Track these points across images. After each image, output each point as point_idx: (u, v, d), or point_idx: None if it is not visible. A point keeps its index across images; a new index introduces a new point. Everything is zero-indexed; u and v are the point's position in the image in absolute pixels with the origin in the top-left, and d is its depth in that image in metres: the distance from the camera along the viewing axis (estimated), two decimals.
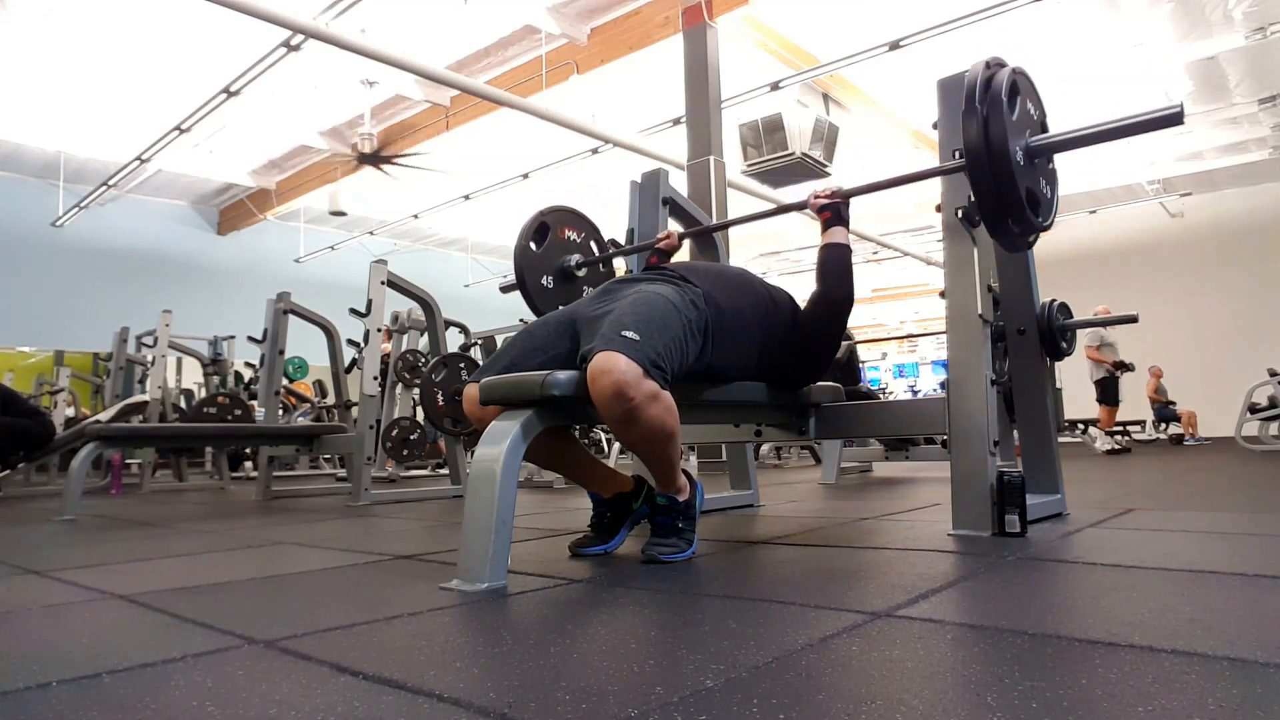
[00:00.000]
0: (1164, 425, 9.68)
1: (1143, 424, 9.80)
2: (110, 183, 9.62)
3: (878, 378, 13.76)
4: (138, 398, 5.62)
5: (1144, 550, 1.62)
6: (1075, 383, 7.29)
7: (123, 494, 4.80)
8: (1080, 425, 8.04)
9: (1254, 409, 7.04)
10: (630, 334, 1.51)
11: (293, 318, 4.79)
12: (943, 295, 2.02)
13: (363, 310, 3.87)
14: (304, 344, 7.07)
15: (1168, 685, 0.76)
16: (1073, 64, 7.52)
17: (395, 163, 8.50)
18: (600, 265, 2.62)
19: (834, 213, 2.04)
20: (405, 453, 4.56)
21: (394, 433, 4.49)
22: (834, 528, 2.19)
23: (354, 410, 4.87)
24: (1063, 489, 2.28)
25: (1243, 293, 11.28)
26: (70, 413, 7.27)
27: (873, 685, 0.80)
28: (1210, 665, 0.82)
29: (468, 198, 10.62)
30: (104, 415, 5.34)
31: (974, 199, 1.80)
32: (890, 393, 12.57)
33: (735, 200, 6.88)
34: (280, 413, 5.49)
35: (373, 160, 8.36)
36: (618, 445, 6.37)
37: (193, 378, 8.06)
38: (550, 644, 1.00)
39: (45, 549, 2.20)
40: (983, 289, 1.94)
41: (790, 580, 1.43)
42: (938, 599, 1.20)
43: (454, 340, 5.44)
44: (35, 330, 10.49)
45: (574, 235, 2.58)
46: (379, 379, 3.84)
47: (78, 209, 10.32)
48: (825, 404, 2.31)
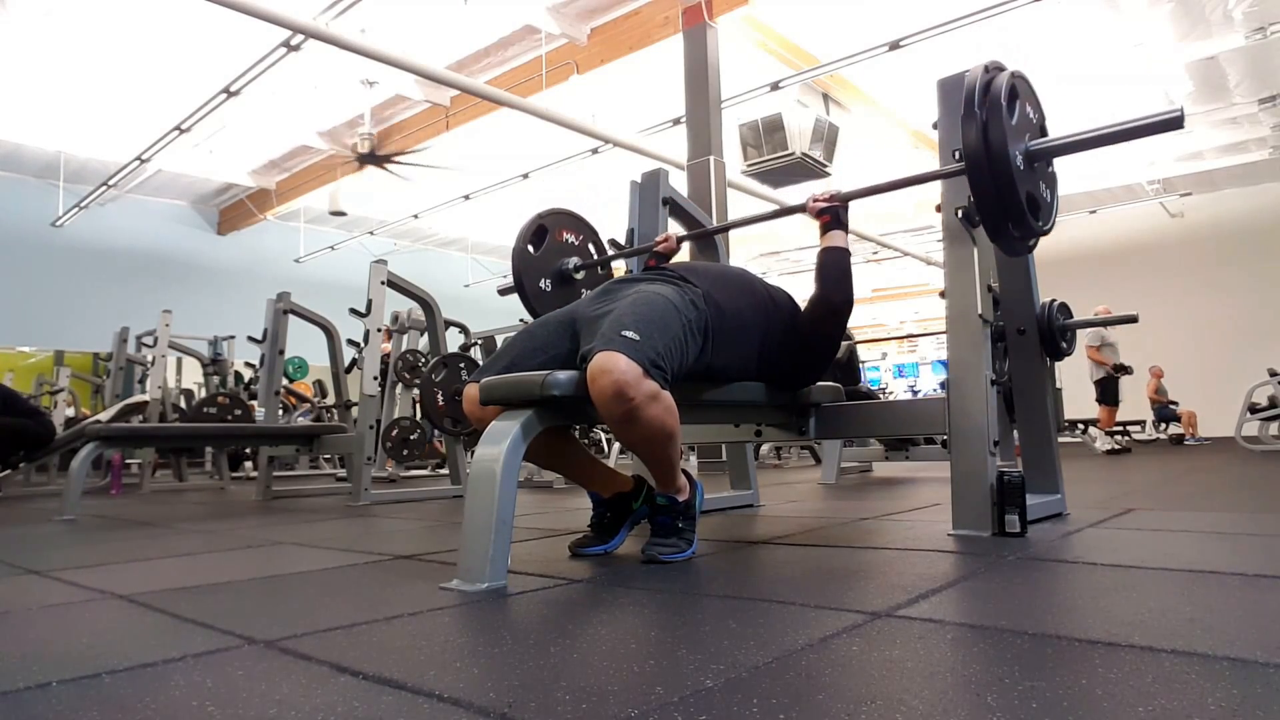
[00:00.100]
0: (1164, 425, 9.69)
1: (1143, 424, 9.81)
2: (110, 183, 9.62)
3: (878, 378, 13.75)
4: (138, 398, 5.62)
5: (1144, 550, 1.62)
6: (1075, 383, 7.29)
7: (123, 494, 4.80)
8: (1080, 425, 8.04)
9: (1254, 409, 7.04)
10: (630, 334, 1.51)
11: (293, 318, 4.79)
12: (943, 295, 2.02)
13: (363, 310, 3.87)
14: (304, 344, 7.07)
15: (1168, 685, 0.76)
16: (1073, 64, 7.52)
17: (395, 163, 8.50)
18: (599, 268, 2.61)
19: (833, 216, 2.03)
20: (405, 453, 4.56)
21: (394, 433, 4.49)
22: (834, 528, 2.19)
23: (354, 410, 4.87)
24: (1063, 489, 2.28)
25: (1243, 293, 11.28)
26: (70, 413, 7.27)
27: (873, 685, 0.80)
28: (1210, 665, 0.82)
29: (468, 198, 10.63)
30: (104, 415, 5.33)
31: (974, 203, 1.80)
32: (890, 393, 12.57)
33: (735, 200, 6.87)
34: (280, 413, 5.49)
35: (373, 160, 8.37)
36: (618, 445, 6.37)
37: (193, 378, 8.05)
38: (550, 644, 1.00)
39: (45, 549, 2.20)
40: (983, 289, 1.94)
41: (790, 580, 1.43)
42: (938, 599, 1.20)
43: (454, 340, 5.44)
44: (35, 330, 10.49)
45: (572, 238, 2.57)
46: (379, 379, 3.84)
47: (78, 209, 10.33)
48: (825, 404, 2.31)
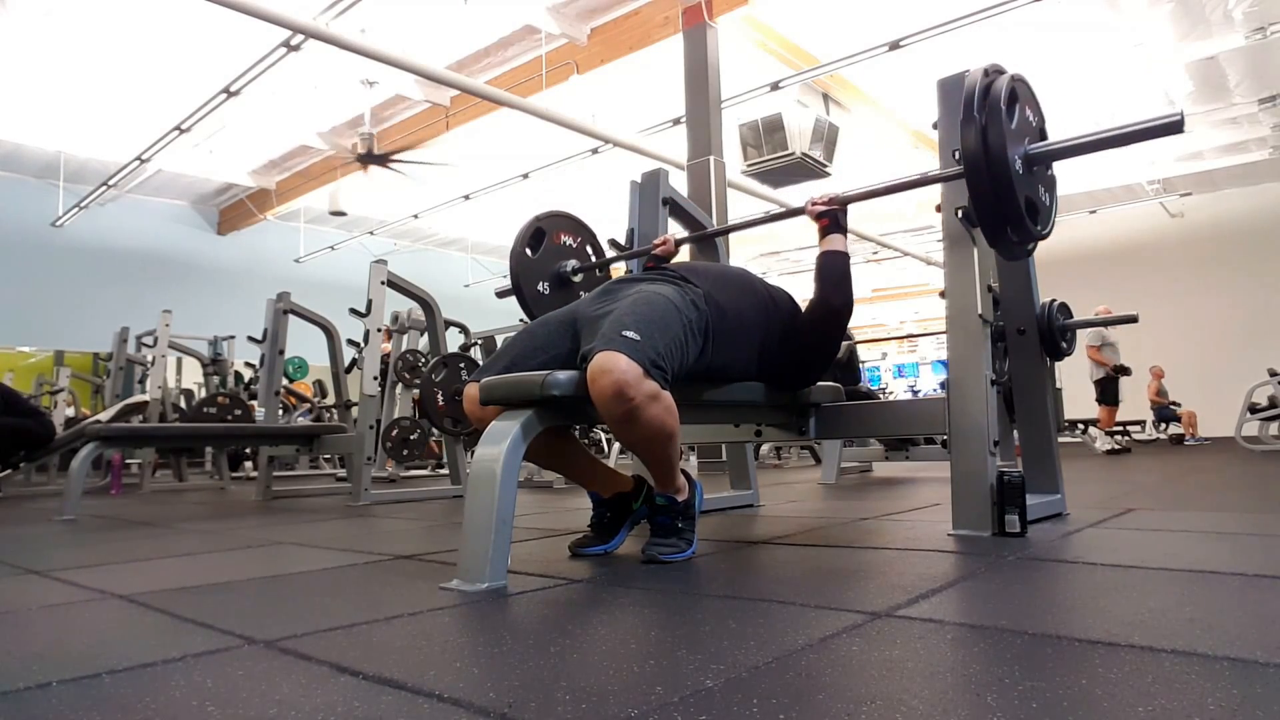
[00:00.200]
0: (1164, 425, 9.69)
1: (1143, 424, 9.81)
2: (110, 183, 9.62)
3: (878, 377, 13.75)
4: (138, 398, 5.62)
5: (1144, 550, 1.62)
6: (1075, 383, 7.29)
7: (123, 494, 4.80)
8: (1080, 425, 8.04)
9: (1254, 409, 7.04)
10: (631, 334, 1.51)
11: (293, 318, 4.79)
12: (943, 295, 2.02)
13: (363, 310, 3.87)
14: (304, 344, 7.07)
15: (1168, 685, 0.76)
16: (1072, 64, 7.52)
17: (395, 163, 8.50)
18: (596, 270, 2.61)
19: (831, 220, 2.03)
20: (405, 453, 4.56)
21: (394, 433, 4.49)
22: (834, 528, 2.19)
23: (354, 410, 4.87)
24: (1063, 489, 2.28)
25: (1243, 293, 11.28)
26: (70, 413, 7.27)
27: (873, 685, 0.80)
28: (1210, 665, 0.82)
29: (468, 198, 10.62)
30: (104, 415, 5.33)
31: (973, 221, 1.79)
32: (890, 393, 12.56)
33: (735, 200, 6.87)
34: (280, 413, 5.49)
35: (373, 160, 8.36)
36: (618, 445, 6.37)
37: (193, 378, 8.06)
38: (550, 644, 1.00)
39: (45, 549, 2.20)
40: (983, 289, 1.94)
41: (790, 580, 1.43)
42: (938, 599, 1.20)
43: (454, 340, 5.44)
44: (35, 330, 10.49)
45: (570, 240, 2.57)
46: (379, 379, 3.84)
47: (78, 209, 10.33)
48: (825, 404, 2.31)
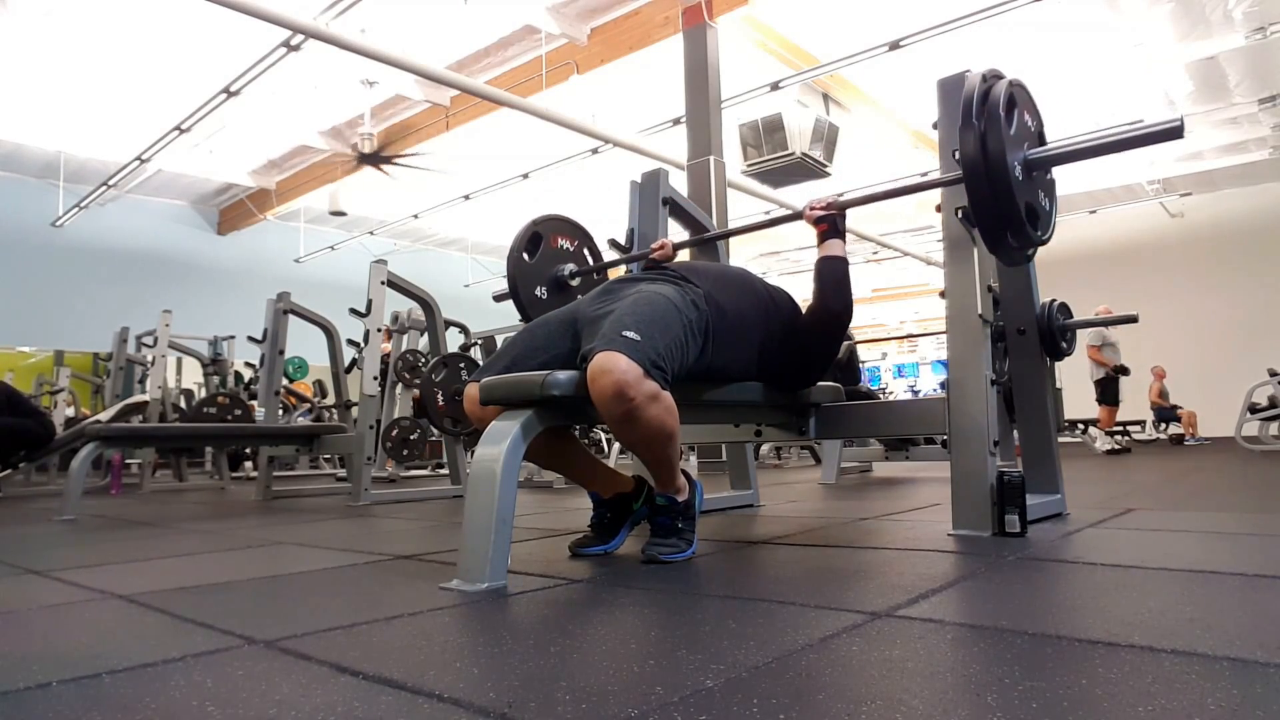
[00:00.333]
0: (1164, 425, 9.69)
1: (1143, 424, 9.81)
2: (110, 183, 9.62)
3: (878, 378, 13.75)
4: (138, 398, 5.62)
5: (1144, 550, 1.62)
6: (1075, 383, 7.29)
7: (123, 494, 4.80)
8: (1080, 425, 8.04)
9: (1254, 409, 7.04)
10: (631, 334, 1.51)
11: (293, 318, 4.79)
12: (943, 295, 2.02)
13: (363, 310, 3.87)
14: (304, 344, 7.07)
15: (1168, 685, 0.76)
16: (1072, 64, 7.52)
17: (395, 163, 8.50)
18: (594, 274, 2.60)
19: (830, 225, 2.03)
20: (405, 453, 4.56)
21: (394, 433, 4.49)
22: (834, 528, 2.19)
23: (354, 410, 4.87)
24: (1063, 489, 2.28)
25: (1243, 293, 11.27)
26: (70, 413, 7.27)
27: (873, 685, 0.80)
28: (1210, 665, 0.82)
29: (468, 198, 10.62)
30: (104, 415, 5.33)
31: (973, 221, 1.79)
32: (890, 393, 12.56)
33: (735, 200, 6.87)
34: (280, 413, 5.49)
35: (373, 160, 8.36)
36: (618, 445, 6.37)
37: (193, 378, 8.05)
38: (550, 644, 1.00)
39: (45, 549, 2.20)
40: (983, 289, 1.94)
41: (790, 580, 1.43)
42: (938, 599, 1.20)
43: (454, 340, 5.44)
44: (35, 330, 10.49)
45: (567, 244, 2.56)
46: (379, 379, 3.84)
47: (78, 209, 10.32)
48: (825, 404, 2.31)
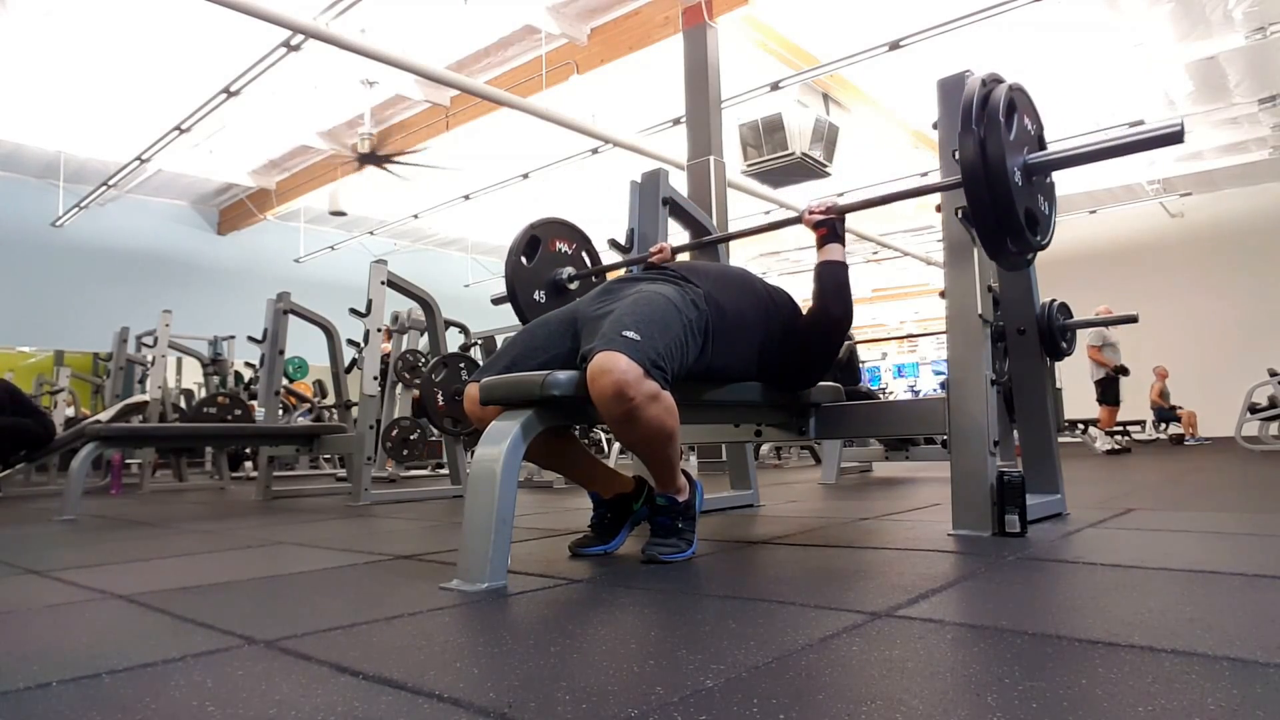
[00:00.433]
0: (1164, 425, 9.69)
1: (1143, 424, 9.81)
2: (110, 183, 9.61)
3: (878, 377, 13.75)
4: (138, 398, 5.62)
5: (1144, 550, 1.62)
6: (1075, 383, 7.29)
7: (123, 494, 4.80)
8: (1080, 425, 8.04)
9: (1254, 409, 7.04)
10: (631, 334, 1.51)
11: (293, 318, 4.79)
12: (943, 295, 2.02)
13: (363, 310, 3.87)
14: (304, 344, 7.07)
15: (1168, 685, 0.76)
16: (1072, 64, 7.52)
17: (395, 163, 8.49)
18: (593, 278, 2.60)
19: (829, 229, 2.03)
20: (405, 453, 4.56)
21: (394, 433, 4.49)
22: (834, 528, 2.19)
23: (354, 410, 4.87)
24: (1063, 489, 2.28)
25: (1243, 293, 11.27)
26: (70, 413, 7.27)
27: (873, 685, 0.80)
28: (1210, 665, 0.82)
29: (468, 198, 10.62)
30: (104, 415, 5.33)
31: (972, 222, 1.78)
32: (890, 393, 12.56)
33: (735, 200, 6.87)
34: (280, 413, 5.49)
35: (373, 160, 8.36)
36: (618, 445, 6.37)
37: (193, 378, 8.05)
38: (550, 644, 1.00)
39: (45, 549, 2.20)
40: (983, 289, 1.94)
41: (790, 580, 1.43)
42: (938, 599, 1.20)
43: (454, 340, 5.44)
44: (35, 330, 10.49)
45: (565, 247, 2.54)
46: (379, 379, 3.84)
47: (78, 209, 10.32)
48: (825, 404, 2.31)
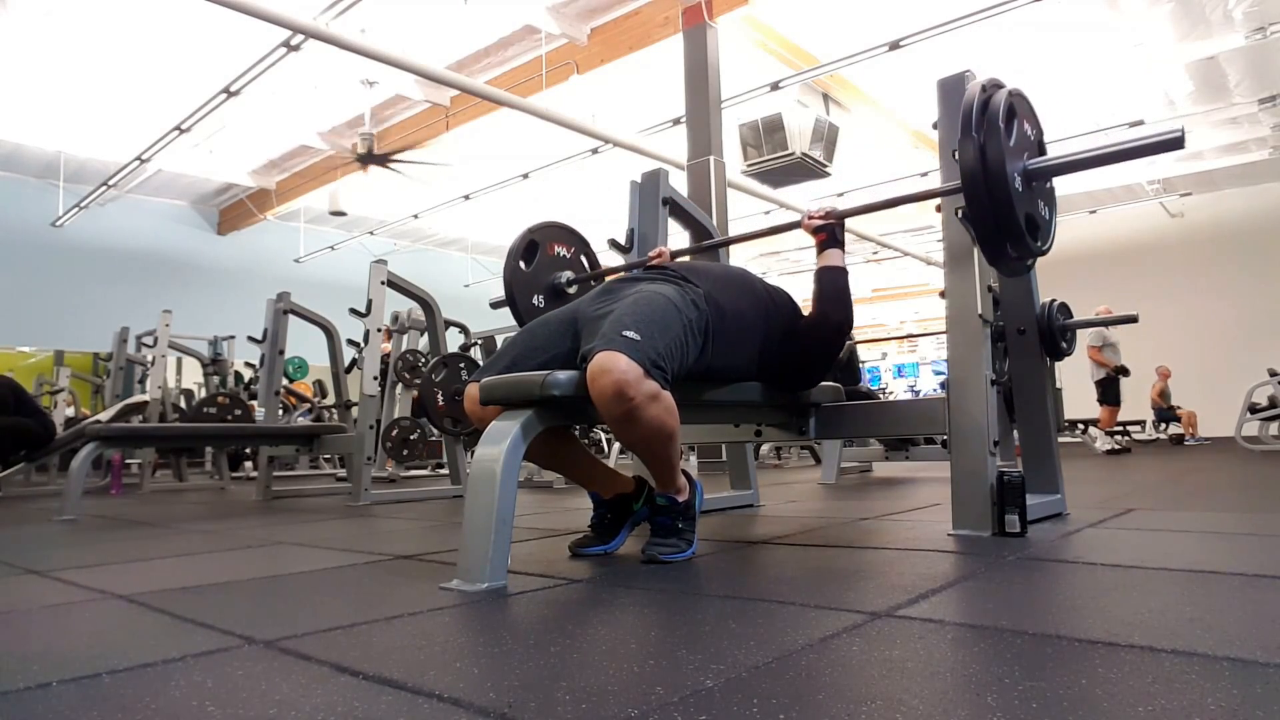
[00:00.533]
0: (1164, 425, 9.69)
1: (1143, 424, 9.81)
2: (110, 183, 9.61)
3: (878, 378, 13.75)
4: (138, 398, 5.62)
5: (1144, 550, 1.62)
6: (1075, 383, 7.29)
7: (123, 494, 4.80)
8: (1080, 425, 8.04)
9: (1254, 409, 7.04)
10: (631, 334, 1.51)
11: (293, 318, 4.79)
12: (943, 295, 2.02)
13: (363, 310, 3.87)
14: (304, 344, 7.07)
15: (1168, 685, 0.76)
16: (1072, 64, 7.52)
17: (395, 163, 8.49)
18: (592, 282, 2.60)
19: (829, 234, 2.03)
20: (405, 453, 4.56)
21: (394, 433, 4.49)
22: (834, 528, 2.19)
23: (354, 410, 4.87)
24: (1063, 489, 2.28)
25: (1243, 293, 11.27)
26: (70, 413, 7.27)
27: (873, 685, 0.80)
28: (1210, 665, 0.82)
29: (468, 198, 10.62)
30: (104, 415, 5.33)
31: (972, 229, 1.78)
32: (890, 393, 12.56)
33: (735, 200, 6.87)
34: (280, 413, 5.49)
35: (373, 160, 8.36)
36: (618, 445, 6.37)
37: (193, 378, 8.05)
38: (550, 644, 1.00)
39: (45, 549, 2.20)
40: (983, 289, 1.94)
41: (790, 580, 1.43)
42: (938, 599, 1.20)
43: (454, 340, 5.45)
44: (35, 330, 10.48)
45: (564, 251, 2.54)
46: (379, 379, 3.84)
47: (78, 209, 10.32)
48: (825, 404, 2.31)
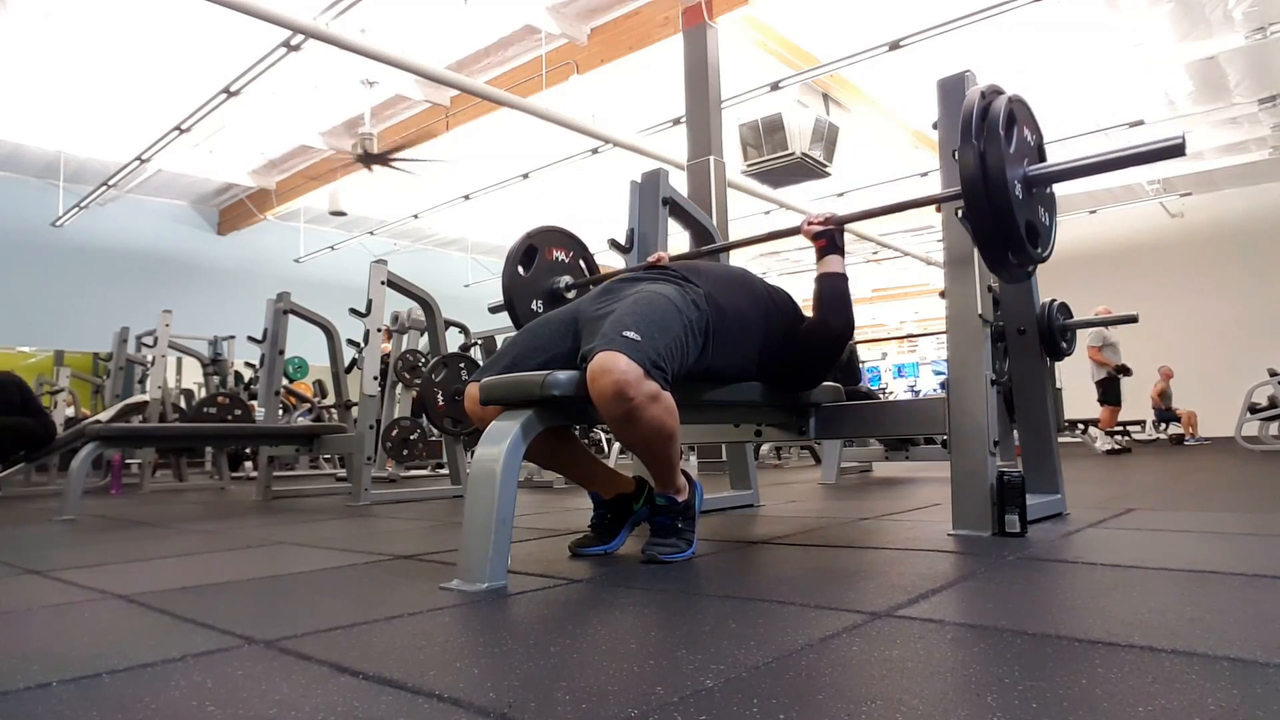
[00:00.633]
0: (1164, 425, 9.70)
1: (1143, 424, 9.81)
2: (110, 183, 9.61)
3: (878, 378, 13.75)
4: (138, 398, 5.62)
5: (1144, 550, 1.62)
6: (1075, 383, 7.29)
7: (123, 494, 4.80)
8: (1080, 425, 8.04)
9: (1254, 409, 7.04)
10: (631, 334, 1.51)
11: (293, 318, 4.79)
12: (943, 295, 2.02)
13: (363, 310, 3.87)
14: (304, 344, 7.06)
15: (1168, 685, 0.76)
16: (1072, 64, 7.52)
17: (395, 162, 8.49)
18: (590, 288, 2.60)
19: (829, 241, 2.02)
20: (405, 453, 4.56)
21: (394, 433, 4.49)
22: (834, 528, 2.19)
23: (354, 410, 4.87)
24: (1063, 489, 2.28)
25: (1243, 293, 11.27)
26: (70, 413, 7.27)
27: (873, 685, 0.80)
28: (1210, 665, 0.82)
29: (468, 198, 10.62)
30: (104, 415, 5.33)
31: (973, 237, 1.77)
32: (890, 393, 12.56)
33: (735, 200, 6.87)
34: (280, 413, 5.49)
35: (373, 160, 8.36)
36: (618, 445, 6.37)
37: (193, 378, 8.05)
38: (550, 644, 1.00)
39: (45, 549, 2.20)
40: (983, 289, 1.94)
41: (790, 580, 1.43)
42: (938, 599, 1.20)
43: (454, 340, 5.45)
44: (35, 330, 10.48)
45: (562, 255, 2.54)
46: (379, 379, 3.84)
47: (78, 209, 10.32)
48: (825, 404, 2.31)
